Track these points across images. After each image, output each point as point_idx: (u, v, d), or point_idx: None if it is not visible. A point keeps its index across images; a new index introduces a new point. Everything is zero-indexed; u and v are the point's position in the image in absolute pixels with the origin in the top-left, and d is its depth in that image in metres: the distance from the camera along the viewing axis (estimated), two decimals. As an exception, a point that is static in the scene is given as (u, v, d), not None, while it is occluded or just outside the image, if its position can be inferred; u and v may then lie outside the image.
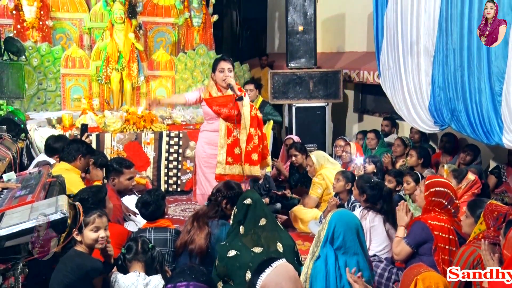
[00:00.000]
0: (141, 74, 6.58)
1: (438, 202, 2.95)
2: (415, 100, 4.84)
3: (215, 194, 3.12)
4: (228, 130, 3.91)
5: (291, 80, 6.48)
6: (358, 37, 7.00)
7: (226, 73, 3.88)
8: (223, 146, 3.90)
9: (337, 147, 5.52)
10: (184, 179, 5.79)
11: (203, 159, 4.01)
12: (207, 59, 7.27)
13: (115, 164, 3.64)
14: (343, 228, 2.46)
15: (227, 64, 3.90)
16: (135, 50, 6.45)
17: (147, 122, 5.74)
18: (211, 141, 3.98)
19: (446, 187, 2.96)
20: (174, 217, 4.88)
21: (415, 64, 4.74)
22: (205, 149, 4.01)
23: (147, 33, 7.14)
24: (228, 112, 3.88)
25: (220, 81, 3.90)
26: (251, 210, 2.74)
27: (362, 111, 7.22)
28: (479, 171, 4.20)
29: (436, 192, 2.95)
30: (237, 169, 3.91)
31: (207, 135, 4.01)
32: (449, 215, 2.95)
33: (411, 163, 4.74)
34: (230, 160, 3.91)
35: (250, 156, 3.89)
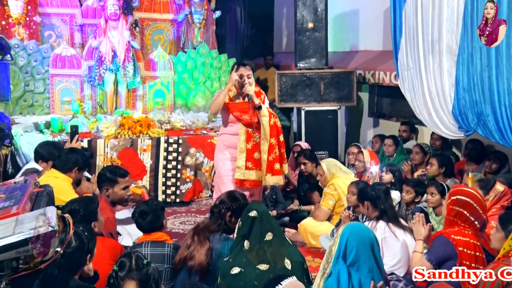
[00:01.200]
0: (137, 75, 6.60)
1: (459, 212, 2.91)
2: (437, 103, 4.82)
3: (218, 206, 3.13)
4: (248, 135, 4.16)
5: (300, 82, 6.48)
6: (374, 34, 7.00)
7: (245, 80, 4.10)
8: (243, 151, 4.15)
9: (350, 155, 5.50)
10: (183, 189, 5.79)
11: (221, 162, 4.25)
12: (209, 58, 7.29)
13: (108, 173, 3.64)
14: (356, 242, 2.45)
15: (246, 70, 4.13)
16: (131, 49, 6.48)
17: (144, 127, 5.75)
18: (231, 144, 4.24)
19: (471, 197, 2.91)
20: (172, 231, 4.88)
21: (437, 64, 4.72)
22: (225, 152, 4.26)
23: (144, 30, 7.18)
24: (249, 119, 4.13)
25: (237, 85, 4.16)
26: (256, 223, 2.75)
27: (377, 115, 7.21)
28: (509, 181, 4.15)
29: (458, 200, 2.91)
30: (257, 175, 4.17)
31: (227, 138, 4.27)
32: (474, 229, 2.91)
33: (432, 172, 4.71)
34: (250, 165, 4.16)
35: (272, 166, 4.15)
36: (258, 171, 4.16)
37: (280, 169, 4.20)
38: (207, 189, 5.90)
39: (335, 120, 6.48)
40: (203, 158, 5.84)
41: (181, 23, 7.32)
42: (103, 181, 3.62)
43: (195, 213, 5.48)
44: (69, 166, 3.72)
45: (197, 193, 5.88)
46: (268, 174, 4.14)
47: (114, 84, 6.52)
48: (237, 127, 4.19)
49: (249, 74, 4.11)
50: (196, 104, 7.19)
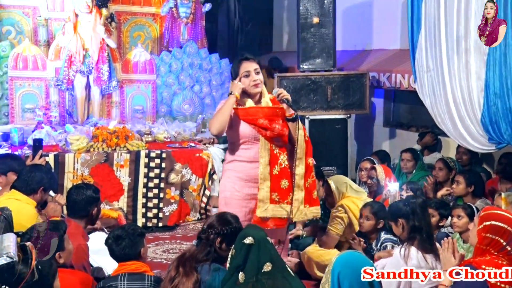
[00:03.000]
0: (113, 78, 6.60)
1: (494, 241, 2.89)
2: (463, 110, 4.83)
3: (206, 231, 3.12)
4: (273, 156, 3.61)
5: (304, 86, 6.49)
6: (390, 31, 7.05)
7: (254, 76, 3.66)
8: (266, 178, 3.60)
9: (362, 171, 5.50)
10: (167, 211, 5.77)
11: (236, 202, 3.66)
12: (198, 59, 7.30)
13: (93, 192, 3.68)
14: (349, 278, 2.44)
15: (251, 64, 3.68)
16: (106, 48, 6.48)
17: (121, 139, 5.73)
18: (248, 176, 3.66)
19: (508, 223, 2.90)
20: (154, 260, 4.85)
21: (462, 65, 4.74)
22: (238, 187, 3.67)
23: (121, 26, 7.19)
24: (281, 129, 3.61)
25: (249, 88, 3.66)
26: (253, 251, 2.74)
27: (394, 125, 7.23)
28: (550, 202, 4.15)
29: (492, 227, 2.89)
30: (285, 210, 3.61)
31: (241, 168, 3.68)
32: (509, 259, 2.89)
33: (458, 192, 4.71)
34: (275, 197, 3.60)
35: (311, 194, 3.69)
36: (286, 204, 3.62)
37: (317, 197, 3.76)
38: (194, 211, 5.88)
39: (345, 131, 6.48)
40: (190, 175, 5.83)
41: (165, 17, 7.33)
42: (92, 202, 3.65)
43: (180, 239, 5.44)
44: (33, 186, 3.72)
45: (183, 216, 5.85)
46: (306, 205, 3.64)
47: (85, 89, 6.51)
48: (256, 149, 3.63)
49: (256, 68, 3.68)
50: (182, 112, 7.18)
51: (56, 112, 6.44)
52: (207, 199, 5.91)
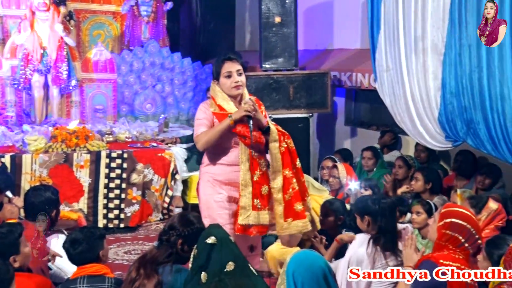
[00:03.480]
0: (72, 77, 6.52)
1: (453, 237, 2.94)
2: (421, 109, 4.90)
3: (168, 232, 3.06)
4: (253, 161, 3.54)
5: (266, 85, 6.51)
6: (351, 30, 7.08)
7: (235, 77, 3.56)
8: (248, 184, 3.53)
9: (324, 169, 5.55)
10: (128, 212, 5.73)
11: (217, 204, 3.58)
12: (159, 58, 7.26)
13: (53, 194, 3.66)
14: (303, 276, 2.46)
15: (234, 65, 3.58)
16: (64, 46, 6.40)
17: (81, 139, 5.68)
18: (228, 180, 3.59)
19: (466, 220, 2.95)
20: (115, 262, 4.82)
21: (420, 65, 4.80)
22: (220, 189, 3.60)
23: (81, 24, 7.10)
24: (259, 137, 3.55)
25: (229, 90, 3.57)
26: (215, 251, 2.71)
27: (355, 124, 7.29)
28: (504, 198, 4.25)
29: (452, 224, 2.95)
30: (267, 217, 3.56)
31: (220, 171, 3.60)
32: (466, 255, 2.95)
33: (417, 189, 4.78)
34: (257, 204, 3.54)
35: (292, 206, 3.57)
36: (267, 211, 3.57)
37: (303, 209, 3.60)
38: (157, 212, 5.85)
39: (307, 129, 6.50)
40: (152, 175, 5.79)
41: (125, 16, 7.26)
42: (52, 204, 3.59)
43: (142, 240, 5.42)
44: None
45: (145, 216, 5.82)
46: (288, 219, 3.53)
47: (43, 88, 6.43)
48: (236, 152, 3.55)
49: (240, 69, 3.57)
50: (144, 111, 7.12)
51: (12, 112, 6.36)
52: (170, 199, 5.88)
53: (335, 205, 4.15)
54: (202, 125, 3.58)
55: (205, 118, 3.58)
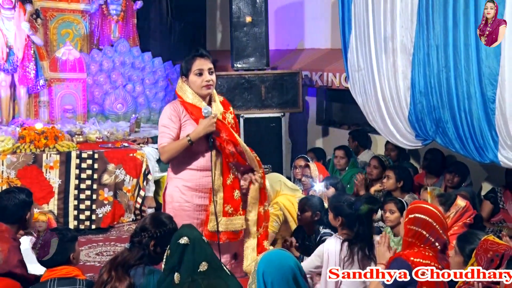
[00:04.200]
0: (40, 76, 6.43)
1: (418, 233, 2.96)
2: (391, 108, 4.98)
3: (139, 234, 3.03)
4: (225, 166, 3.44)
5: (238, 85, 6.52)
6: (321, 30, 7.15)
7: (207, 76, 3.42)
8: (219, 190, 3.43)
9: (296, 169, 5.55)
10: (100, 213, 5.68)
11: (185, 213, 3.44)
12: (130, 57, 7.20)
13: (27, 196, 3.57)
14: (273, 275, 2.47)
15: (206, 62, 3.43)
16: (32, 45, 6.31)
17: (50, 140, 5.62)
18: (198, 185, 3.45)
19: (430, 215, 2.98)
20: (86, 264, 4.78)
21: (390, 64, 4.87)
22: (188, 197, 3.45)
23: (48, 23, 6.99)
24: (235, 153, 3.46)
25: (199, 89, 3.43)
26: (188, 251, 2.70)
27: (327, 123, 7.35)
28: (471, 195, 4.34)
29: (416, 219, 2.97)
30: (239, 222, 3.48)
31: (190, 176, 3.45)
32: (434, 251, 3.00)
33: (388, 187, 4.83)
34: (228, 209, 3.45)
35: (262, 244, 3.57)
36: (239, 216, 3.47)
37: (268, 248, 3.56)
38: (129, 213, 5.81)
39: (279, 129, 6.54)
40: (124, 175, 5.75)
41: (94, 14, 7.18)
42: (25, 206, 3.54)
43: (115, 241, 5.38)
44: None
45: (117, 217, 5.77)
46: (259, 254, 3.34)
47: (10, 88, 6.36)
48: (207, 157, 3.39)
49: (211, 68, 3.44)
50: (115, 111, 7.06)
51: (-22, 112, 6.25)
52: (142, 199, 5.84)
53: (312, 201, 4.16)
54: (166, 135, 3.41)
55: (170, 126, 3.42)
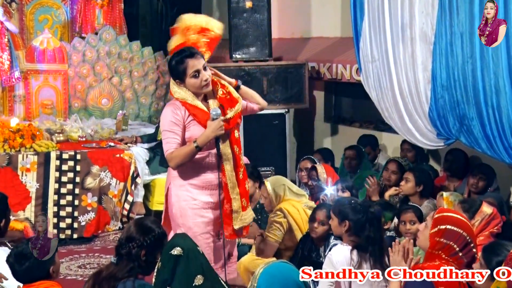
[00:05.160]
0: (15, 68, 6.43)
1: (447, 246, 2.96)
2: (409, 104, 4.95)
3: (127, 245, 2.99)
4: (237, 157, 3.63)
5: (237, 77, 6.41)
6: (329, 17, 7.12)
7: (205, 75, 3.54)
8: (234, 186, 3.62)
9: (302, 171, 5.53)
10: (83, 220, 5.71)
11: (193, 212, 3.58)
12: (116, 47, 7.20)
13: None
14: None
15: (199, 61, 3.54)
16: (6, 33, 6.32)
17: (27, 139, 5.64)
18: (204, 182, 3.61)
19: (462, 227, 2.97)
20: (67, 278, 4.81)
21: (408, 55, 4.84)
22: (195, 195, 3.58)
23: (24, 8, 7.00)
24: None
25: (199, 89, 3.57)
26: (181, 263, 2.73)
27: (336, 120, 7.33)
28: (499, 201, 4.31)
29: (447, 231, 2.96)
30: (251, 213, 3.78)
31: (196, 173, 3.59)
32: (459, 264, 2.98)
33: (406, 191, 4.78)
34: (244, 203, 3.69)
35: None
36: (250, 207, 3.81)
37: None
38: (115, 220, 5.83)
39: (283, 127, 6.53)
40: (109, 179, 5.77)
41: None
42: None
43: (99, 252, 5.40)
44: None
45: (102, 225, 5.80)
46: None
47: (-17, 81, 6.32)
48: (214, 151, 3.58)
49: (204, 64, 3.56)
50: (99, 107, 7.06)
51: None
52: (130, 205, 5.84)
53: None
54: (171, 140, 3.52)
55: (175, 130, 3.54)
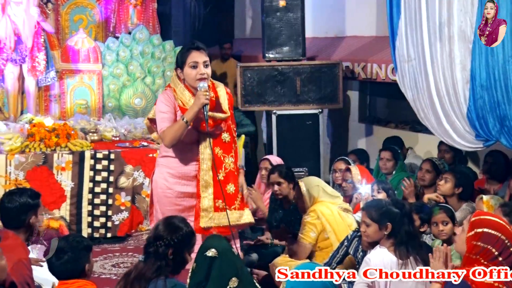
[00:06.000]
0: (51, 67, 6.50)
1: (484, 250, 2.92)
2: (447, 104, 4.89)
3: (154, 244, 3.01)
4: (218, 160, 3.82)
5: (270, 77, 6.51)
6: (365, 16, 7.09)
7: (202, 69, 3.75)
8: (208, 185, 3.81)
9: (336, 172, 5.52)
10: (116, 220, 5.74)
11: (167, 200, 3.88)
12: (149, 46, 7.24)
13: (30, 198, 3.60)
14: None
15: (201, 55, 3.76)
16: (42, 33, 6.38)
17: (62, 138, 5.69)
18: (181, 173, 3.88)
19: (501, 231, 2.93)
20: (101, 276, 4.86)
21: (446, 54, 4.79)
22: (170, 184, 3.88)
23: (59, 8, 7.08)
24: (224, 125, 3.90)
25: (193, 81, 3.78)
26: (216, 265, 2.73)
27: (371, 121, 7.30)
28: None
29: (485, 235, 2.92)
30: (233, 216, 3.84)
31: (173, 164, 3.88)
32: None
33: (444, 191, 4.70)
34: (219, 204, 3.82)
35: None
36: (234, 210, 3.88)
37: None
38: (148, 220, 5.82)
39: (316, 127, 6.50)
40: (143, 178, 5.81)
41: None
42: (28, 210, 3.57)
43: (133, 251, 5.43)
44: None
45: (135, 225, 5.85)
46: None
47: (19, 80, 6.41)
48: (195, 149, 3.84)
49: (207, 61, 3.78)
50: (132, 106, 7.11)
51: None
52: (162, 205, 5.86)
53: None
54: (165, 120, 3.78)
55: (168, 111, 3.80)
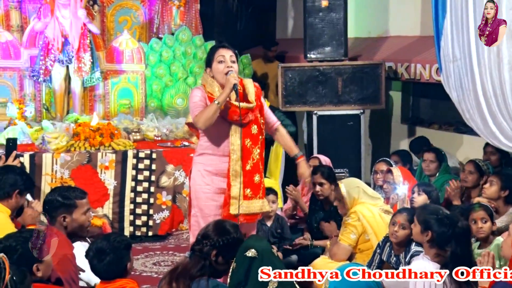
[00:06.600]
0: (96, 68, 6.58)
1: (533, 254, 2.87)
2: (493, 105, 4.83)
3: (201, 242, 3.07)
4: (246, 150, 3.98)
5: (311, 78, 6.52)
6: (408, 15, 7.05)
7: (228, 63, 3.93)
8: (237, 175, 3.96)
9: (377, 174, 5.48)
10: (158, 218, 5.77)
11: (205, 195, 4.01)
12: (192, 47, 7.28)
13: (61, 197, 3.59)
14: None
15: (228, 51, 3.98)
16: (88, 34, 6.45)
17: (106, 138, 5.75)
18: (218, 170, 4.00)
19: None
20: (143, 274, 4.89)
21: (493, 54, 4.72)
22: (208, 180, 4.01)
23: (105, 9, 7.16)
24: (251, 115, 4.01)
25: (221, 76, 3.95)
26: (255, 265, 2.74)
27: (413, 122, 7.25)
28: None
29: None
30: (258, 205, 4.05)
31: (210, 161, 4.02)
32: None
33: (489, 194, 4.62)
34: (248, 193, 4.01)
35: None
36: (258, 199, 4.07)
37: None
38: (189, 219, 5.86)
39: (358, 128, 6.50)
40: (184, 178, 5.82)
41: (154, 0, 7.30)
42: (57, 208, 3.57)
43: (173, 250, 5.46)
44: (6, 190, 3.72)
45: (176, 224, 5.87)
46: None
47: (65, 81, 6.47)
48: (227, 143, 3.97)
49: (233, 56, 3.98)
50: (174, 107, 7.15)
51: (31, 106, 6.41)
52: (203, 205, 5.88)
53: (412, 215, 4.04)
54: (198, 106, 3.93)
55: (200, 101, 3.94)
